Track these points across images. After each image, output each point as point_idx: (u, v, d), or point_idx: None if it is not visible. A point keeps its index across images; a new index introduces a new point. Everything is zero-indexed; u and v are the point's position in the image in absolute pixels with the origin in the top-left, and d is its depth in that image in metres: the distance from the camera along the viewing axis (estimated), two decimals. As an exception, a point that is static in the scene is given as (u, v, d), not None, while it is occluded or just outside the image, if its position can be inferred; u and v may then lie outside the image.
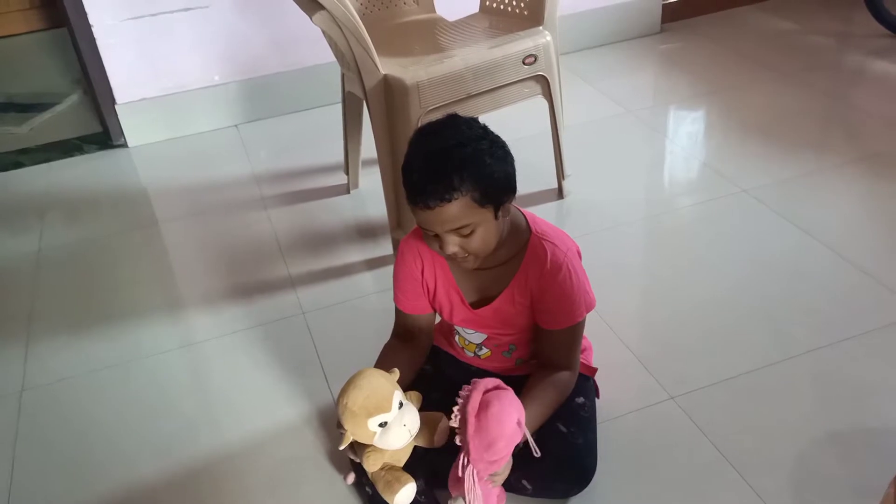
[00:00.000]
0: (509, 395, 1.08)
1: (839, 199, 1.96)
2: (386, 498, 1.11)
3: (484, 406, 1.04)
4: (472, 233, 1.10)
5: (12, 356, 1.70)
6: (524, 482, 1.21)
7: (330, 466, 1.36)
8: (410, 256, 1.26)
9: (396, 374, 1.15)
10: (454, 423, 1.06)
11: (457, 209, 1.06)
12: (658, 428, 1.37)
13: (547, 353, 1.25)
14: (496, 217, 1.12)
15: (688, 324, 1.60)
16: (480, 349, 1.34)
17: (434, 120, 1.15)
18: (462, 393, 1.07)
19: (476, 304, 1.25)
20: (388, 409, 1.08)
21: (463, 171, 1.05)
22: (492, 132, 1.12)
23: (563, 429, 1.23)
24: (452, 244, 1.11)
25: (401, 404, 1.10)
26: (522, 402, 1.17)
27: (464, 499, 1.08)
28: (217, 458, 1.41)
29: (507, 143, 1.15)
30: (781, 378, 1.44)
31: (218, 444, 1.43)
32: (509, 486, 1.23)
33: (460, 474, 1.07)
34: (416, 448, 1.19)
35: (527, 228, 1.22)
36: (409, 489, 1.10)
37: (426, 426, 1.15)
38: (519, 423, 1.07)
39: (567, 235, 1.24)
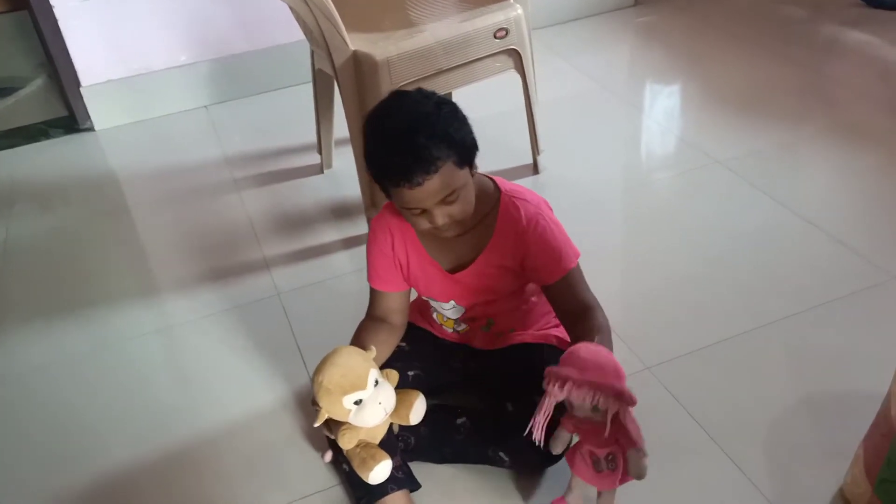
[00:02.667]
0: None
1: (812, 169, 1.97)
2: (361, 475, 1.10)
3: (573, 358, 1.02)
4: (457, 198, 1.09)
5: (-19, 346, 1.67)
6: (501, 454, 1.21)
7: (307, 445, 1.35)
8: (381, 233, 1.25)
9: (373, 352, 1.15)
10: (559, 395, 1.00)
11: (442, 178, 1.06)
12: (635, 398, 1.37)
13: (564, 307, 1.21)
14: (472, 175, 1.12)
15: (663, 295, 1.61)
16: (459, 325, 1.34)
17: (381, 102, 1.12)
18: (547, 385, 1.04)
19: (453, 272, 1.24)
20: (363, 386, 1.07)
21: (438, 141, 1.04)
22: (443, 97, 1.12)
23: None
24: (441, 215, 1.10)
25: (376, 382, 1.10)
26: None
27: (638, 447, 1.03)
28: (195, 442, 1.39)
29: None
30: (755, 346, 1.45)
31: (195, 427, 1.42)
32: (486, 458, 1.23)
33: (626, 426, 1.01)
34: (391, 424, 1.18)
35: (496, 189, 1.21)
36: (384, 466, 1.10)
37: (402, 404, 1.14)
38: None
39: (534, 192, 1.24)
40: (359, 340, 1.25)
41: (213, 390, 1.50)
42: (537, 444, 1.06)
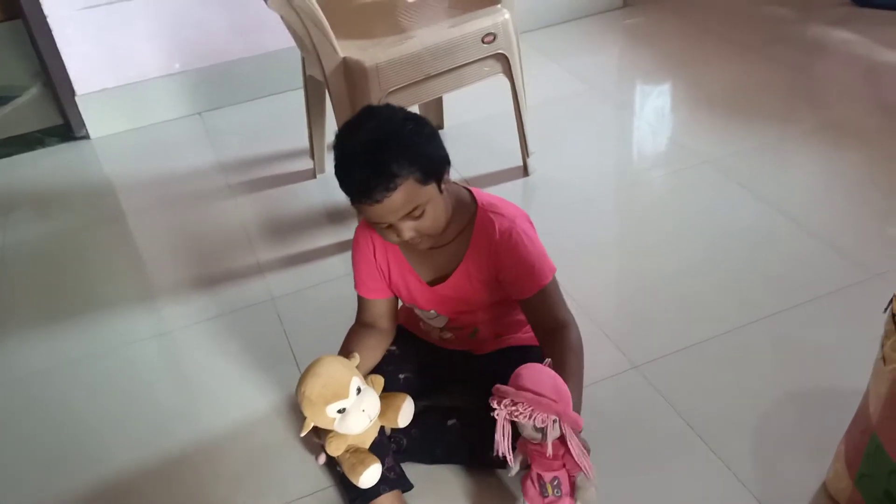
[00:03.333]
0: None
1: (798, 168, 1.99)
2: (351, 479, 1.12)
3: (515, 378, 1.05)
4: (423, 213, 1.10)
5: (-21, 353, 1.69)
6: (491, 455, 1.22)
7: (302, 448, 1.37)
8: (363, 241, 1.27)
9: (356, 359, 1.16)
10: (504, 412, 1.03)
11: (404, 195, 1.07)
12: (622, 397, 1.40)
13: (538, 322, 1.23)
14: (440, 191, 1.13)
15: (651, 294, 1.63)
16: (445, 333, 1.35)
17: (352, 117, 1.14)
18: (492, 401, 1.06)
19: (432, 283, 1.26)
20: (345, 395, 1.08)
21: (400, 158, 1.05)
22: (411, 113, 1.13)
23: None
24: (408, 230, 1.11)
25: (359, 390, 1.10)
26: None
27: (585, 474, 1.06)
28: (192, 445, 1.41)
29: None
30: (741, 343, 1.47)
31: (191, 432, 1.44)
32: (477, 459, 1.25)
33: (551, 453, 1.05)
34: (382, 427, 1.20)
35: (472, 202, 1.23)
36: (373, 470, 1.12)
37: (389, 407, 1.16)
38: (549, 365, 1.08)
39: (514, 205, 1.25)
40: (347, 347, 1.27)
41: (210, 394, 1.52)
42: (506, 463, 1.09)
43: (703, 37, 2.71)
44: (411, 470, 1.27)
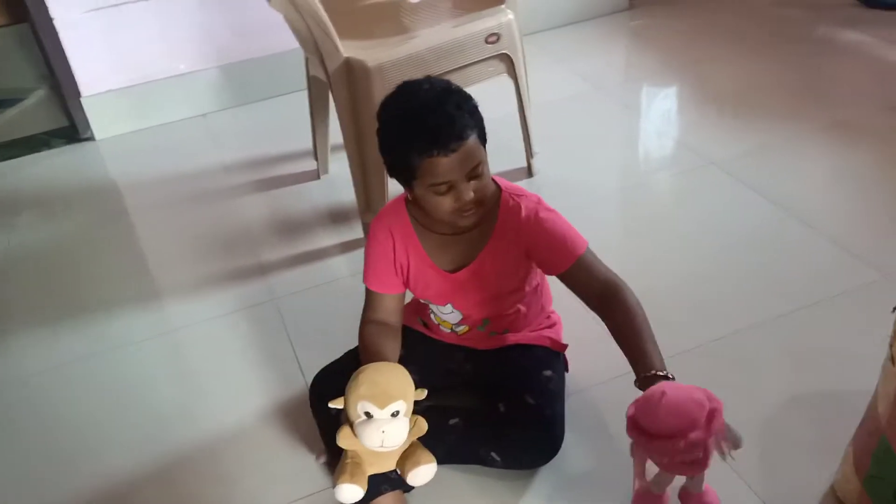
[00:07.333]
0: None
1: (807, 169, 1.97)
2: (333, 480, 1.08)
3: (651, 409, 1.00)
4: (481, 173, 1.12)
5: (-18, 353, 1.69)
6: (493, 454, 1.22)
7: (304, 448, 1.36)
8: (382, 234, 1.25)
9: (421, 394, 1.10)
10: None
11: (471, 148, 1.09)
12: (627, 398, 1.36)
13: (587, 291, 1.21)
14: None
15: (658, 295, 1.60)
16: (458, 326, 1.34)
17: (395, 91, 1.14)
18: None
19: (452, 272, 1.25)
20: (380, 406, 1.02)
21: (466, 111, 1.09)
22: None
23: (531, 401, 1.23)
24: (468, 189, 1.11)
25: (395, 413, 1.04)
26: (624, 341, 1.14)
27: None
28: (193, 445, 1.41)
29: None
30: (748, 345, 1.46)
31: (194, 431, 1.43)
32: (479, 458, 1.24)
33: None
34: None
35: (497, 188, 1.23)
36: (350, 489, 1.06)
37: (410, 459, 1.10)
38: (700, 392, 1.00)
39: (532, 192, 1.26)
40: (377, 349, 1.22)
41: (212, 394, 1.52)
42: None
43: (711, 38, 2.70)
44: (413, 470, 1.25)
